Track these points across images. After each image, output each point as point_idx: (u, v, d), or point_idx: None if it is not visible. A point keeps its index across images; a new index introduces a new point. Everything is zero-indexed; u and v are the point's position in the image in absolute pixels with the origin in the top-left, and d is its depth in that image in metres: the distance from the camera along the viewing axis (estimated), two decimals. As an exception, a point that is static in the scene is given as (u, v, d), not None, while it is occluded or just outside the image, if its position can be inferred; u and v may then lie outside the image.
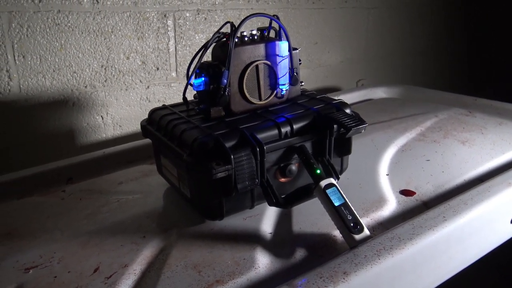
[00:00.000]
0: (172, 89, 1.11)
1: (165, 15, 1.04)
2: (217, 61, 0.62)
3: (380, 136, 0.88)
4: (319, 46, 1.38)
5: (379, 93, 1.23)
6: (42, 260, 0.55)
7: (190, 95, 0.69)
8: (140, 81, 1.06)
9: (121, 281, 0.51)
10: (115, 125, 1.06)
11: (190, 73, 0.62)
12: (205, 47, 0.62)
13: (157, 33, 1.05)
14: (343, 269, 0.47)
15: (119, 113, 1.05)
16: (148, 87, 1.07)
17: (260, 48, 0.64)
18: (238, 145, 0.57)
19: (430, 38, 1.74)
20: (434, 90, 1.18)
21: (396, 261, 0.49)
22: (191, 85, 0.62)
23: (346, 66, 1.48)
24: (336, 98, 0.69)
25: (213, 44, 0.63)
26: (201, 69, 0.62)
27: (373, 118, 0.99)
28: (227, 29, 0.63)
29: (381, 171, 0.74)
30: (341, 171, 0.70)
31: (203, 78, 0.61)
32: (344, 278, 0.46)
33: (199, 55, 0.61)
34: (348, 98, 1.20)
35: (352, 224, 0.54)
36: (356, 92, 1.22)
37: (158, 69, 1.07)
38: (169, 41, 1.07)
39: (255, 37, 0.65)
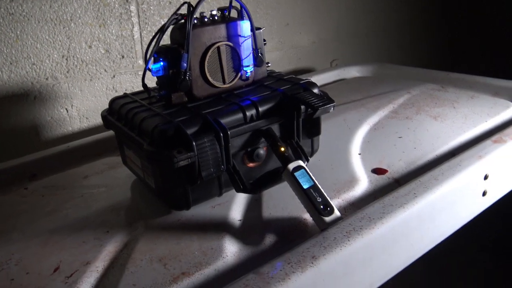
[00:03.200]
0: (140, 77, 1.07)
1: (127, 0, 1.00)
2: (176, 44, 0.59)
3: (353, 116, 0.86)
4: (290, 27, 1.35)
5: (353, 72, 1.21)
6: (-1, 263, 0.52)
7: (153, 81, 0.66)
8: (105, 70, 1.02)
9: (82, 280, 0.48)
10: (82, 118, 1.02)
11: (147, 57, 0.58)
12: (161, 30, 0.59)
13: (119, 20, 1.00)
14: (312, 253, 0.45)
15: (84, 104, 1.01)
16: (114, 76, 1.03)
17: (221, 29, 0.61)
18: (201, 131, 0.54)
19: (405, 13, 1.73)
20: (407, 67, 1.17)
21: (367, 241, 0.48)
22: (150, 70, 0.59)
23: (319, 46, 1.46)
24: (308, 79, 0.67)
25: (171, 27, 0.60)
26: (159, 53, 0.59)
27: (346, 97, 0.98)
28: (186, 10, 0.60)
29: (353, 150, 0.73)
30: (312, 153, 0.69)
31: (161, 63, 0.59)
32: (312, 263, 0.44)
33: (156, 39, 0.58)
34: (321, 78, 1.18)
35: (322, 207, 0.52)
36: (329, 73, 1.20)
37: (123, 57, 1.03)
38: (133, 28, 1.03)
39: (216, 18, 0.62)
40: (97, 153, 0.85)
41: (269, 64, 0.69)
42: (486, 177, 0.62)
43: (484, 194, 0.63)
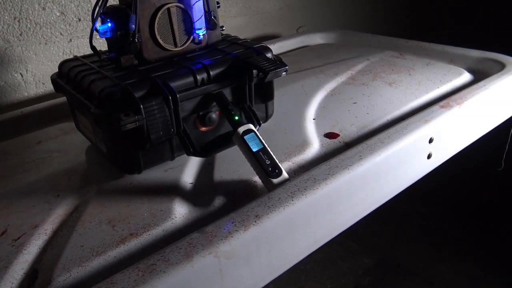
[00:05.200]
0: (99, 41, 1.04)
1: (81, -40, 0.96)
2: (124, 5, 0.58)
3: (311, 82, 0.87)
4: (256, -8, 1.33)
5: (316, 39, 1.21)
6: None
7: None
8: (61, 33, 0.98)
9: (30, 242, 0.49)
10: (38, 83, 0.99)
11: (94, 18, 0.57)
12: (108, -11, 0.57)
13: (74, -20, 0.96)
14: (256, 213, 0.47)
15: (40, 69, 0.98)
16: (70, 40, 1.00)
17: (171, -10, 0.59)
18: (149, 94, 0.54)
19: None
20: (369, 34, 1.18)
21: (310, 201, 0.50)
22: (97, 31, 0.57)
23: (285, 13, 1.44)
24: (263, 43, 0.67)
25: (120, -13, 0.59)
26: (106, 14, 0.57)
27: (307, 64, 0.98)
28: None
29: (308, 115, 0.74)
30: (267, 118, 0.69)
31: (109, 24, 0.57)
32: (255, 221, 0.46)
33: (103, -2, 0.57)
34: (285, 45, 1.18)
35: (270, 169, 0.53)
36: (293, 39, 1.20)
37: (80, 20, 1.00)
38: (89, -11, 0.99)
39: (166, -22, 0.60)
40: (53, 118, 0.84)
41: (223, 28, 0.68)
42: (431, 141, 0.65)
43: (429, 157, 0.66)
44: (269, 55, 0.64)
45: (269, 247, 0.47)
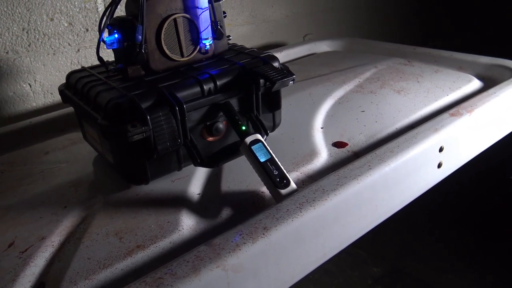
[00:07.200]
0: (106, 51, 1.05)
1: (89, -29, 0.97)
2: (130, 16, 0.58)
3: (318, 90, 0.86)
4: (262, 1, 1.33)
5: (323, 47, 1.21)
6: (-47, 240, 0.52)
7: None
8: (69, 44, 0.99)
9: (37, 254, 0.48)
10: (46, 93, 0.99)
11: (101, 29, 0.57)
12: (115, 1, 0.57)
13: (82, -9, 0.97)
14: (264, 225, 0.46)
15: (48, 79, 0.98)
16: (78, 50, 1.01)
17: (177, 0, 0.59)
18: (156, 104, 0.54)
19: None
20: (376, 41, 1.17)
21: (319, 212, 0.49)
22: (104, 42, 0.57)
23: (292, 21, 1.44)
24: (269, 52, 0.67)
25: (126, -2, 0.59)
26: (113, 25, 0.57)
27: (314, 72, 0.98)
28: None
29: (316, 124, 0.73)
30: (274, 127, 0.69)
31: (116, 35, 0.57)
32: (264, 234, 0.45)
33: (109, 10, 0.57)
34: (292, 53, 1.17)
35: (278, 179, 0.53)
36: (300, 47, 1.19)
37: (87, 30, 1.01)
38: (97, 0, 1.00)
39: (173, -11, 0.60)
40: (61, 128, 0.84)
41: (230, 37, 0.68)
42: (441, 149, 0.64)
43: (439, 166, 0.65)
44: (276, 64, 0.64)
45: (277, 260, 0.46)
